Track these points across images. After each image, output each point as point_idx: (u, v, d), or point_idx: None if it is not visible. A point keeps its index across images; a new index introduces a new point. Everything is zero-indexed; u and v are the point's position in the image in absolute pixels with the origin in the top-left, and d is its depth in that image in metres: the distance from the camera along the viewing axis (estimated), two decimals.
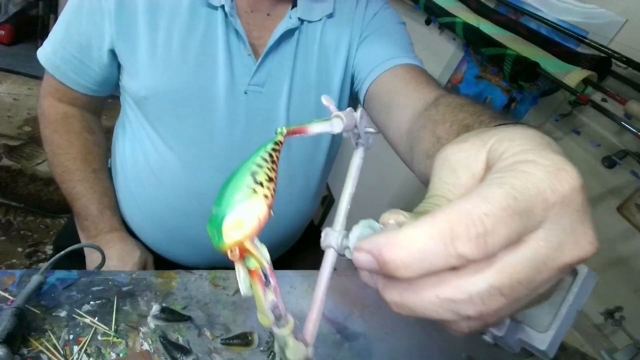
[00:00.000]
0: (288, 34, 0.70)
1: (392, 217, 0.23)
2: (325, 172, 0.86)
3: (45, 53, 0.73)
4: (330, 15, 0.73)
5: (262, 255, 0.22)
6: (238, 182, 0.21)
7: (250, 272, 0.22)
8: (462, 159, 0.23)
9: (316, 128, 0.25)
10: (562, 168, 0.21)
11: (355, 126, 0.27)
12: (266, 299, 0.22)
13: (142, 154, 0.74)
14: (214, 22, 0.67)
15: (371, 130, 0.29)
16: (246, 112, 0.71)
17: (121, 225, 0.79)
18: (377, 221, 0.24)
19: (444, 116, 0.48)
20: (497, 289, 0.19)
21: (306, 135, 0.26)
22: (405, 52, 0.71)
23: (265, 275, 0.22)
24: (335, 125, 0.26)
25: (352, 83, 0.78)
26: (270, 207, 0.21)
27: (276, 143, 0.24)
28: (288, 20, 0.70)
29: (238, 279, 0.22)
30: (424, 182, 0.47)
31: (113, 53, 0.70)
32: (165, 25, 0.66)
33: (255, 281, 0.22)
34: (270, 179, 0.22)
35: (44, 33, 3.02)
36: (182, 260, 0.81)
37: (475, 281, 0.19)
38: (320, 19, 0.73)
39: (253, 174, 0.21)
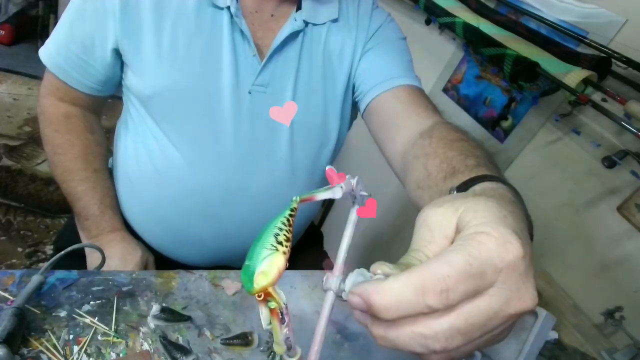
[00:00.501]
0: (293, 36, 0.71)
1: (379, 268, 0.29)
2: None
3: (48, 52, 0.73)
4: (335, 20, 0.74)
5: (280, 299, 0.29)
6: (264, 242, 0.28)
7: (271, 310, 0.30)
8: (438, 222, 0.30)
9: (322, 195, 0.33)
10: (508, 241, 0.26)
11: (352, 190, 0.35)
12: (281, 332, 0.30)
13: (145, 153, 0.74)
14: (219, 23, 0.67)
15: (365, 193, 0.36)
16: (250, 112, 0.71)
17: (122, 225, 0.79)
18: (369, 270, 0.31)
19: (436, 151, 0.54)
20: (456, 329, 0.25)
21: (314, 200, 0.32)
22: (407, 71, 0.74)
23: (282, 314, 0.30)
24: (337, 192, 0.33)
25: (353, 92, 0.79)
26: (287, 260, 0.28)
27: (292, 210, 0.31)
28: (293, 22, 0.70)
29: (260, 315, 0.30)
30: (415, 207, 0.54)
31: (117, 52, 0.70)
32: (171, 24, 0.66)
33: (274, 318, 0.30)
34: (287, 239, 0.29)
35: (44, 33, 3.02)
36: (184, 259, 0.81)
37: (441, 322, 0.25)
38: (325, 23, 0.73)
39: (275, 236, 0.29)
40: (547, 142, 1.08)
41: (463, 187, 0.42)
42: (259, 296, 0.29)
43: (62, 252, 0.56)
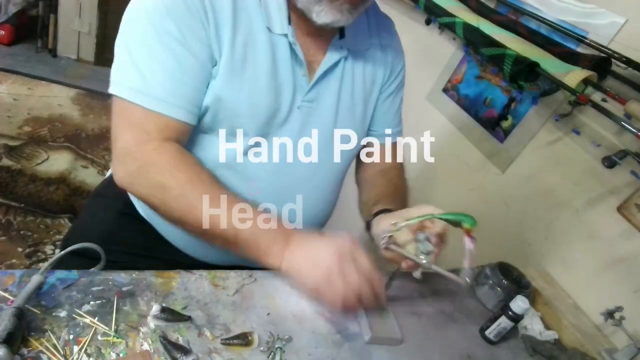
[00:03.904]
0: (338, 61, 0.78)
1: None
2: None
3: (161, 100, 0.64)
4: (367, 49, 0.82)
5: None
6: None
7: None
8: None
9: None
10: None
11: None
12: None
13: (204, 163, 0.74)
14: (281, 45, 0.71)
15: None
16: (299, 124, 0.76)
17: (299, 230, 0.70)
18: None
19: (378, 186, 0.89)
20: None
21: None
22: (400, 124, 0.93)
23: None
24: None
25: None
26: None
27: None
28: (340, 49, 0.77)
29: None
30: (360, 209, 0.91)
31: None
32: (243, 41, 0.68)
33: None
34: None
35: (43, 33, 3.03)
36: (207, 258, 0.82)
37: None
38: (362, 50, 0.82)
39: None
40: (547, 142, 1.08)
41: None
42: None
43: (62, 252, 0.56)
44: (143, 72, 0.64)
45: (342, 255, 0.62)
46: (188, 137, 0.72)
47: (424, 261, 0.65)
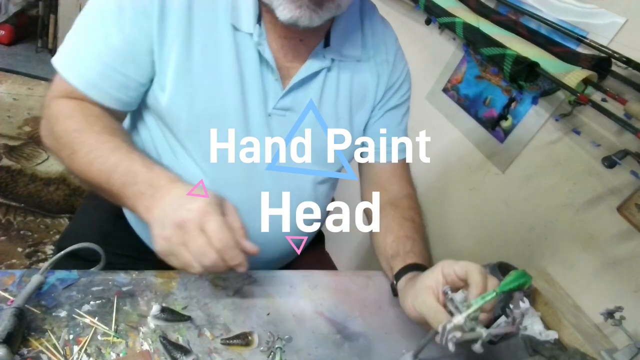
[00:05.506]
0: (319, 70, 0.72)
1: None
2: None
3: (78, 73, 0.65)
4: (358, 60, 0.76)
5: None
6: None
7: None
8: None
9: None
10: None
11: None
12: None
13: (164, 164, 0.72)
14: (247, 44, 0.66)
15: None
16: (268, 133, 0.71)
17: (179, 178, 0.64)
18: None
19: (393, 227, 0.77)
20: None
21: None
22: (405, 138, 0.84)
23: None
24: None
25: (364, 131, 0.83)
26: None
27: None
28: (322, 59, 0.71)
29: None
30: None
31: (152, 56, 0.66)
32: (201, 40, 0.64)
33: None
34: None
35: (43, 33, 3.02)
36: None
37: None
38: (351, 60, 0.75)
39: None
40: (547, 142, 1.08)
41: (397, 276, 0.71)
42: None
43: (62, 252, 0.56)
44: (78, 47, 0.65)
45: (188, 222, 0.54)
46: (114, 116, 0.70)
47: (484, 333, 0.53)
